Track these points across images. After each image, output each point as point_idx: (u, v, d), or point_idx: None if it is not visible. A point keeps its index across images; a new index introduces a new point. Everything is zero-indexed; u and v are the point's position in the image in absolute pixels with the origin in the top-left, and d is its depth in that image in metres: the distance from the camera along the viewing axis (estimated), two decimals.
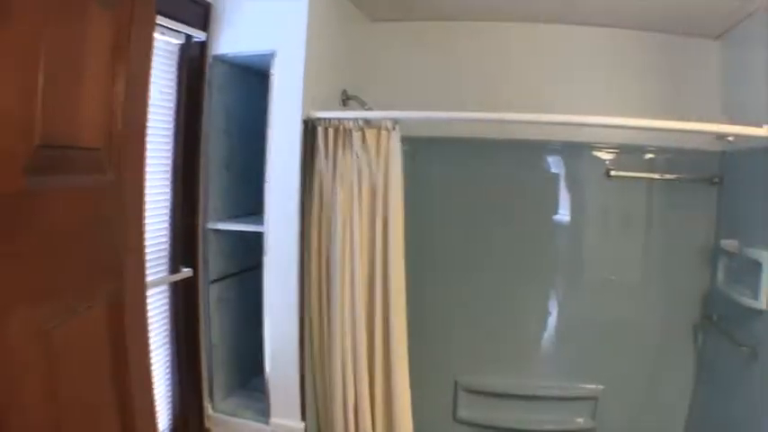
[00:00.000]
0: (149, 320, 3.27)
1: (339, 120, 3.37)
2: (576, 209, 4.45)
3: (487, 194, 4.45)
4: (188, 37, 3.47)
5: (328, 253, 3.43)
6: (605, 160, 4.33)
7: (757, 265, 3.44)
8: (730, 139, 3.78)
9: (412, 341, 3.56)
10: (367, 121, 3.35)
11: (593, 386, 4.45)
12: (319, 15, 3.54)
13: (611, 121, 3.44)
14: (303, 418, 3.58)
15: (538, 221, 4.47)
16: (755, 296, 3.44)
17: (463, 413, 4.58)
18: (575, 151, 4.39)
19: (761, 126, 3.25)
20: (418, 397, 3.65)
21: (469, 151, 4.39)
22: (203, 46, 3.56)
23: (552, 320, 4.55)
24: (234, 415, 3.80)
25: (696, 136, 3.96)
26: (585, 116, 3.41)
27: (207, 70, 3.59)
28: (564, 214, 4.46)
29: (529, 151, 4.40)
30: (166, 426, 3.64)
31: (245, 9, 3.54)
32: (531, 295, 4.52)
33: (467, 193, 4.47)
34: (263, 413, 3.66)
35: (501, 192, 4.43)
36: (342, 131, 3.35)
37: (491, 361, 4.53)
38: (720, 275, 4.04)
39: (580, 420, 4.49)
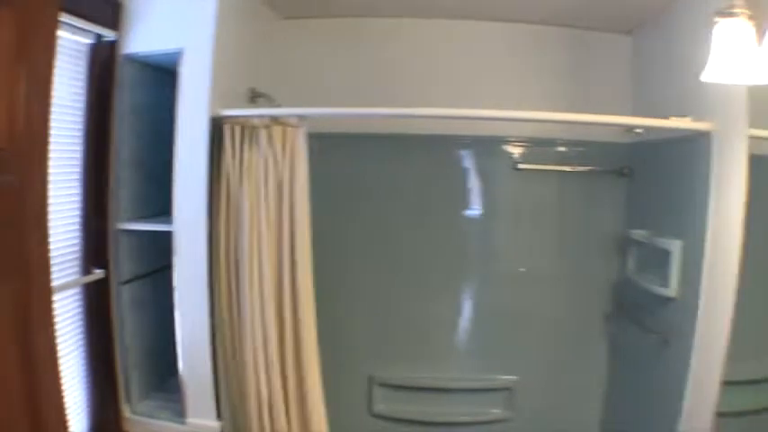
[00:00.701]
0: (63, 323, 3.25)
1: (246, 117, 3.32)
2: (487, 202, 4.46)
3: (399, 189, 4.45)
4: (98, 36, 3.37)
5: (237, 251, 3.35)
6: (516, 154, 4.35)
7: (666, 254, 3.47)
8: (639, 131, 3.86)
9: (325, 337, 3.52)
10: (274, 119, 3.30)
11: (507, 377, 4.48)
12: (228, 13, 3.46)
13: (522, 114, 3.46)
14: (219, 417, 3.52)
15: (450, 215, 4.47)
16: (665, 284, 3.49)
17: (379, 408, 4.57)
18: (487, 145, 4.39)
19: (668, 118, 3.34)
20: (333, 393, 3.60)
21: (381, 147, 4.38)
22: (113, 45, 3.45)
23: (466, 313, 4.56)
24: (151, 417, 3.70)
25: (606, 128, 4.02)
26: (496, 110, 3.38)
27: (117, 70, 3.49)
28: (476, 208, 4.47)
29: (441, 146, 4.40)
30: (84, 430, 3.56)
31: (155, 7, 3.46)
32: (445, 289, 4.53)
33: (379, 188, 4.45)
34: (180, 414, 3.58)
35: (413, 186, 4.45)
36: (249, 129, 3.30)
37: (406, 355, 4.54)
38: (631, 264, 4.09)
39: (496, 411, 4.52)
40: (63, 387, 2.19)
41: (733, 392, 3.23)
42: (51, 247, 2.15)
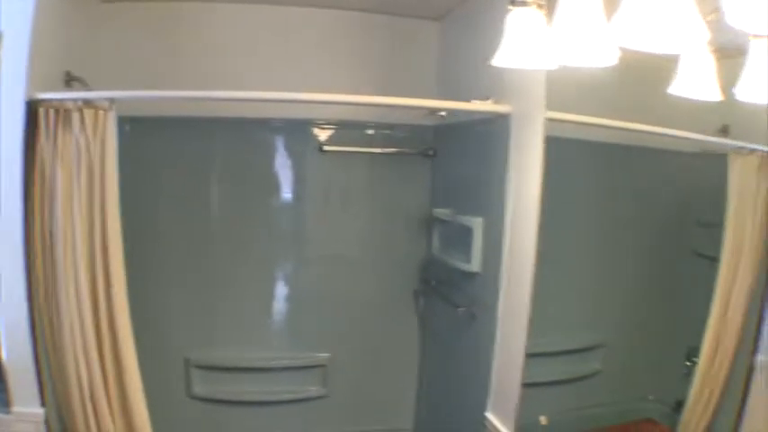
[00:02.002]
0: None
1: (60, 101, 3.14)
2: (298, 185, 4.43)
3: (212, 172, 4.37)
4: None
5: (51, 236, 3.17)
6: (325, 137, 4.32)
7: (469, 231, 3.53)
8: (443, 113, 3.92)
9: (139, 321, 3.32)
10: (86, 102, 3.14)
11: (321, 354, 4.46)
12: None
13: (330, 97, 3.44)
14: (43, 404, 3.33)
15: (263, 198, 4.41)
16: (468, 260, 3.54)
17: (197, 389, 4.43)
18: (297, 128, 4.36)
19: (470, 101, 3.39)
20: (151, 376, 3.43)
21: (194, 130, 4.24)
22: None
23: (280, 294, 4.52)
24: None
25: (413, 111, 4.07)
26: (304, 93, 3.35)
27: None
28: (287, 191, 4.42)
29: (253, 129, 4.33)
30: None
31: None
32: (258, 271, 4.46)
33: (191, 172, 4.32)
34: (5, 403, 3.35)
35: (226, 169, 4.37)
36: (63, 112, 3.13)
37: (222, 336, 4.43)
38: (436, 242, 4.16)
39: (312, 389, 4.50)
40: None
41: (538, 364, 3.32)
42: None
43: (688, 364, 2.87)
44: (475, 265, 3.55)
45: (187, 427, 4.37)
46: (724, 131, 2.82)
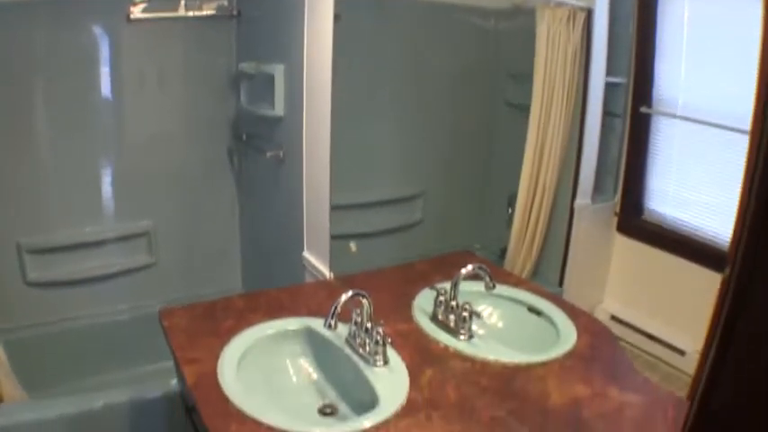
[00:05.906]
0: None
1: None
2: (112, 62, 4.13)
3: (31, 57, 3.92)
4: None
5: None
6: (126, 5, 3.99)
7: (272, 79, 3.55)
8: None
9: None
10: None
11: (143, 222, 4.37)
12: None
13: None
14: None
15: (78, 81, 4.07)
16: (272, 107, 3.58)
17: (33, 275, 4.16)
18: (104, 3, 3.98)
19: None
20: None
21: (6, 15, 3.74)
22: None
23: (105, 173, 4.29)
24: None
25: None
26: None
27: None
28: (104, 70, 4.13)
29: (61, 9, 3.91)
30: None
31: None
32: (83, 150, 4.17)
33: (7, 60, 3.86)
34: None
35: (42, 54, 3.94)
36: None
37: (51, 219, 4.17)
38: (243, 96, 4.14)
39: (140, 258, 4.41)
40: None
41: (360, 214, 3.42)
42: None
43: (510, 211, 2.96)
44: (279, 109, 3.56)
45: (27, 315, 4.15)
46: None
